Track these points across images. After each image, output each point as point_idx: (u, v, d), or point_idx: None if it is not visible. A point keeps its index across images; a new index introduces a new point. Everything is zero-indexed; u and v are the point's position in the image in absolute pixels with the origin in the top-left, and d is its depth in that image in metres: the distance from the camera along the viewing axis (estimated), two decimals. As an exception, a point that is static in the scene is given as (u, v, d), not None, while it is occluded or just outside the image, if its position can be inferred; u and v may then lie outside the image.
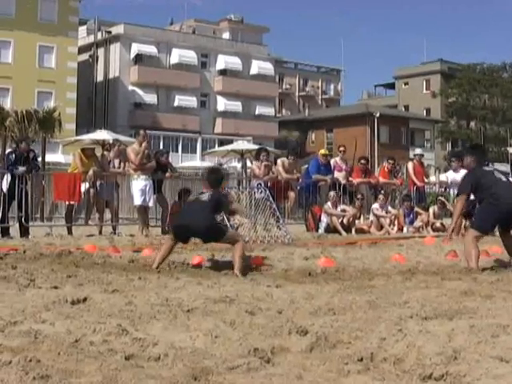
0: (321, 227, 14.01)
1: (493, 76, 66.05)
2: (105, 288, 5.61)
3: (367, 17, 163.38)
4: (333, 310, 4.73)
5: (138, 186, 12.82)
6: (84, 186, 12.77)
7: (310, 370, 3.24)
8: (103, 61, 53.29)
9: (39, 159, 14.73)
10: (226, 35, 59.63)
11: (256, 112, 57.35)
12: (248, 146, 27.15)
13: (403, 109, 70.74)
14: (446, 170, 49.12)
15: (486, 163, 8.87)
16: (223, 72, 56.39)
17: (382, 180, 15.86)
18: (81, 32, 51.60)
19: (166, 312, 4.57)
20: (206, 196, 7.55)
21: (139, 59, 52.73)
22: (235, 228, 12.18)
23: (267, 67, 58.62)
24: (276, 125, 58.52)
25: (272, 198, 12.10)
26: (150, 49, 52.98)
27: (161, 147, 41.24)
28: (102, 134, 22.35)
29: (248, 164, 24.82)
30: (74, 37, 48.34)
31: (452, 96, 66.84)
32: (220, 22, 61.01)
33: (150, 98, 52.62)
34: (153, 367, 3.25)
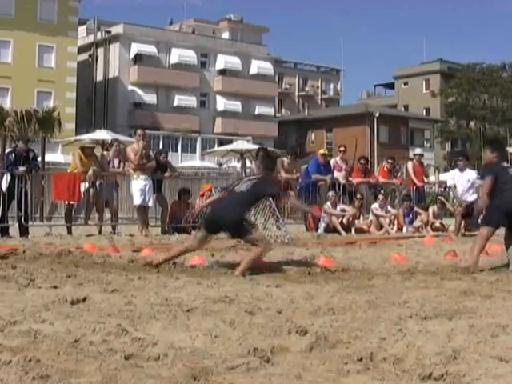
0: (320, 227, 14.01)
1: (492, 76, 66.00)
2: (104, 288, 5.61)
3: (367, 17, 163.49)
4: (332, 310, 4.73)
5: (138, 186, 12.82)
6: (84, 186, 12.77)
7: (310, 370, 3.24)
8: (103, 61, 53.28)
9: (39, 159, 14.69)
10: (226, 35, 59.62)
11: (256, 112, 57.35)
12: (247, 146, 27.17)
13: (403, 108, 70.71)
14: (446, 170, 49.01)
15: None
16: (223, 72, 56.39)
17: (382, 180, 15.87)
18: (80, 32, 51.60)
19: (166, 312, 4.56)
20: (244, 185, 7.29)
21: (139, 59, 52.73)
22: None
23: (267, 67, 58.62)
24: (275, 125, 58.52)
25: (272, 198, 12.09)
26: (150, 49, 52.97)
27: (160, 147, 41.26)
28: (102, 134, 22.41)
29: (248, 164, 24.83)
30: (74, 37, 48.35)
31: (451, 96, 66.80)
32: (219, 22, 61.00)
33: (150, 98, 52.62)
34: (152, 367, 3.25)
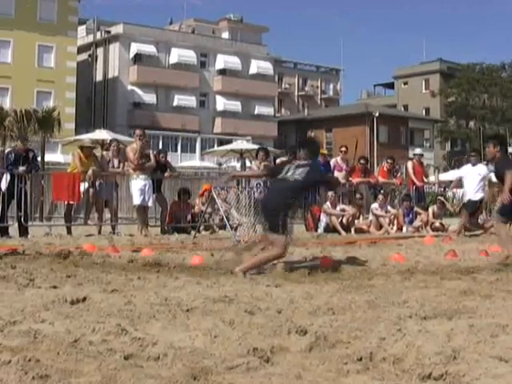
0: (320, 227, 14.01)
1: (492, 76, 66.02)
2: (104, 288, 5.61)
3: (367, 16, 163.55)
4: (332, 310, 4.73)
5: (138, 186, 12.81)
6: (83, 186, 12.76)
7: (310, 370, 3.24)
8: (102, 60, 53.28)
9: (38, 159, 14.69)
10: (226, 35, 59.63)
11: (255, 112, 57.37)
12: (247, 146, 27.19)
13: (402, 108, 70.72)
14: (446, 170, 48.96)
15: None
16: (222, 72, 56.39)
17: (382, 180, 15.86)
18: (80, 32, 51.61)
19: (166, 312, 4.56)
20: (298, 173, 7.13)
21: (138, 59, 52.73)
22: (234, 228, 12.20)
23: (266, 67, 58.64)
24: (275, 124, 58.53)
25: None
26: (150, 48, 52.97)
27: (160, 147, 41.25)
28: (102, 134, 22.43)
29: (247, 164, 24.83)
30: (74, 36, 48.35)
31: (451, 96, 66.81)
32: (219, 22, 61.01)
33: (150, 98, 52.63)
34: (152, 367, 3.24)
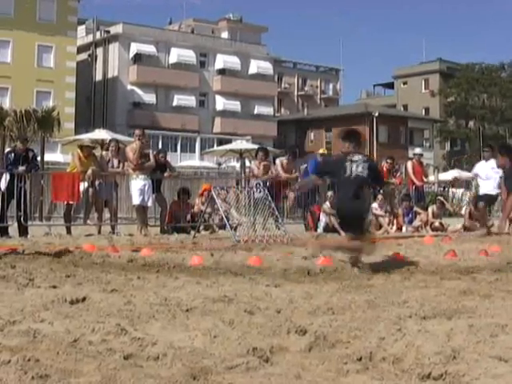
0: (320, 227, 14.01)
1: (491, 75, 66.03)
2: (104, 287, 5.60)
3: (366, 17, 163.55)
4: (332, 310, 4.72)
5: (137, 186, 12.81)
6: (83, 186, 12.76)
7: (309, 370, 3.24)
8: (102, 60, 53.28)
9: (38, 158, 14.67)
10: (225, 35, 59.63)
11: (255, 111, 57.37)
12: (247, 146, 27.20)
13: (402, 108, 70.73)
14: (446, 170, 48.99)
15: None
16: (222, 71, 56.39)
17: (381, 179, 15.84)
18: (80, 32, 51.63)
19: (165, 311, 4.56)
20: (360, 171, 7.12)
21: (138, 59, 52.73)
22: (234, 228, 12.20)
23: (266, 67, 58.63)
24: (275, 124, 58.53)
25: (271, 198, 12.10)
26: (149, 48, 52.97)
27: (159, 147, 41.27)
28: (101, 134, 22.43)
29: (247, 163, 24.84)
30: (73, 36, 48.36)
31: (451, 95, 66.82)
32: (219, 22, 61.02)
33: (149, 98, 52.63)
34: (152, 367, 3.24)
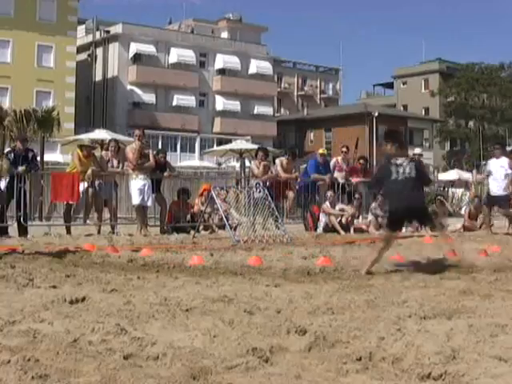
0: (319, 226, 14.01)
1: (491, 75, 65.99)
2: (103, 287, 5.61)
3: (366, 17, 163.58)
4: (331, 310, 4.72)
5: (137, 186, 12.81)
6: (83, 186, 12.75)
7: (309, 370, 3.24)
8: (102, 60, 53.25)
9: (38, 158, 14.67)
10: (225, 34, 59.61)
11: (255, 111, 57.33)
12: (247, 146, 27.21)
13: (402, 108, 70.71)
14: (445, 170, 49.07)
15: None
16: (222, 71, 56.37)
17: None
18: (79, 31, 51.59)
19: (165, 311, 4.56)
20: (408, 171, 7.08)
21: (138, 59, 52.70)
22: (234, 228, 12.19)
23: (266, 66, 58.61)
24: (274, 124, 58.50)
25: (271, 198, 12.10)
26: (149, 48, 52.94)
27: (159, 147, 41.23)
28: (101, 134, 22.41)
29: (247, 163, 24.83)
30: (73, 36, 48.33)
31: (450, 95, 66.77)
32: (218, 22, 60.99)
33: (149, 98, 52.60)
34: (151, 367, 3.24)
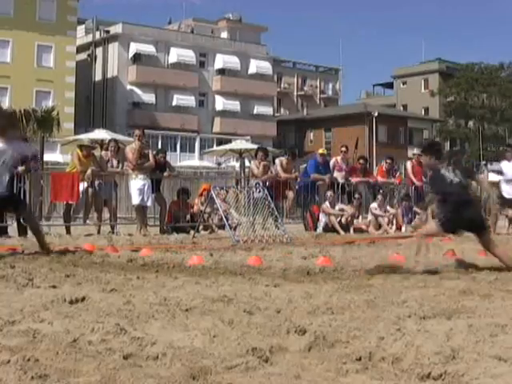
0: (319, 226, 14.02)
1: (491, 75, 66.02)
2: (103, 287, 5.60)
3: (366, 17, 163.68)
4: (331, 310, 4.72)
5: (137, 186, 12.81)
6: (82, 186, 12.76)
7: (309, 370, 3.24)
8: (101, 60, 53.28)
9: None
10: (225, 34, 59.63)
11: (254, 111, 57.36)
12: (246, 146, 27.23)
13: (402, 108, 70.74)
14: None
15: None
16: (221, 71, 56.40)
17: (381, 179, 15.86)
18: (79, 31, 51.62)
19: (165, 311, 4.56)
20: (458, 175, 7.08)
21: (137, 58, 52.72)
22: (233, 228, 12.20)
23: (265, 66, 58.64)
24: (274, 124, 58.55)
25: (270, 198, 12.11)
26: (149, 48, 52.97)
27: (159, 147, 41.26)
28: (101, 134, 22.42)
29: (246, 163, 24.83)
30: (73, 36, 48.37)
31: (450, 95, 66.80)
32: (218, 22, 61.01)
33: (149, 98, 52.62)
34: (151, 366, 3.24)
